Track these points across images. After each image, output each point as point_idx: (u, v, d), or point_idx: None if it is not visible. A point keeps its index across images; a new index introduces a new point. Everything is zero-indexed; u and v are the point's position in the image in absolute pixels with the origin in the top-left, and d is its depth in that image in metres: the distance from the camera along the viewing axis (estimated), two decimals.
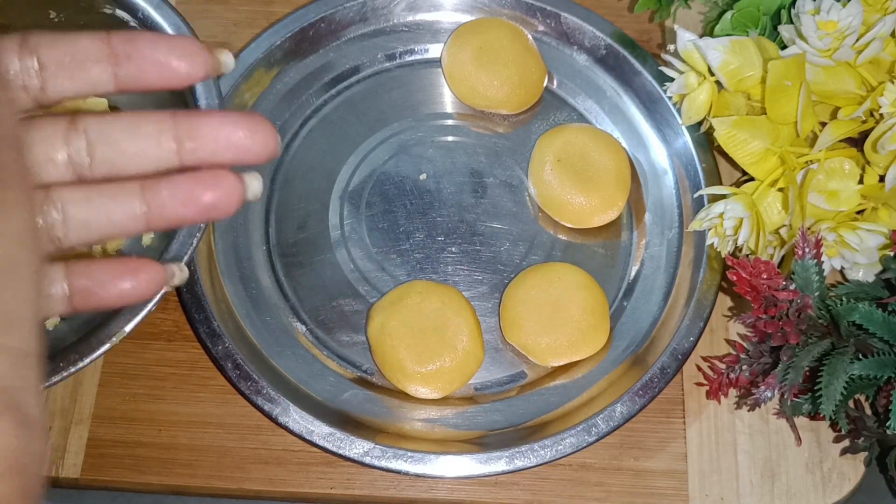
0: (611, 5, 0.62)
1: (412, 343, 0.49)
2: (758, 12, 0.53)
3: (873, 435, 0.47)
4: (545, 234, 0.56)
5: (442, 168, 0.57)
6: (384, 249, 0.55)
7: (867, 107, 0.47)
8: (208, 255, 0.53)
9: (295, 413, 0.47)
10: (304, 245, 0.55)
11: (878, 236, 0.47)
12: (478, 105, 0.59)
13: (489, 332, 0.53)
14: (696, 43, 0.50)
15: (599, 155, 0.55)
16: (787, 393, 0.45)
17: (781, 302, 0.46)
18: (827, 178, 0.49)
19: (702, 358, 0.52)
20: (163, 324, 0.53)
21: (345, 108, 0.59)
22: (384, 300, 0.52)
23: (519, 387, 0.52)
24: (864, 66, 0.48)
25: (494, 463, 0.47)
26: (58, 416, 0.50)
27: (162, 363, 0.52)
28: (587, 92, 0.60)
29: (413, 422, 0.50)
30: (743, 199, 0.48)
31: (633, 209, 0.56)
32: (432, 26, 0.61)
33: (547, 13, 0.60)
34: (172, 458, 0.49)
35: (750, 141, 0.50)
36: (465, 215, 0.56)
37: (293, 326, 0.53)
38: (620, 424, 0.48)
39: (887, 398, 0.44)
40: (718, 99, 0.52)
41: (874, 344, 0.44)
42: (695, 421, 0.51)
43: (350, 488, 0.49)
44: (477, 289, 0.54)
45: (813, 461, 0.50)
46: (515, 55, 0.57)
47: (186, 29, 0.50)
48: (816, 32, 0.47)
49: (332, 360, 0.52)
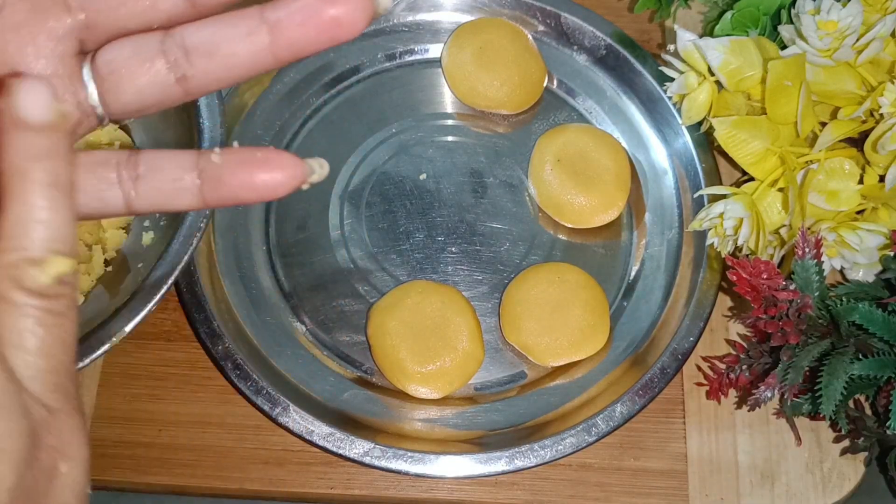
0: (611, 5, 0.62)
1: (412, 343, 0.49)
2: (758, 12, 0.53)
3: (873, 435, 0.47)
4: (545, 234, 0.56)
5: (442, 168, 0.57)
6: (384, 249, 0.55)
7: (867, 107, 0.47)
8: (208, 255, 0.53)
9: (295, 413, 0.47)
10: (304, 245, 0.55)
11: (878, 236, 0.47)
12: (478, 105, 0.59)
13: (489, 332, 0.53)
14: (696, 43, 0.50)
15: (599, 155, 0.55)
16: (787, 393, 0.45)
17: (781, 302, 0.46)
18: (827, 178, 0.49)
19: (702, 358, 0.52)
20: (163, 324, 0.53)
21: (345, 108, 0.59)
22: (384, 300, 0.52)
23: (519, 387, 0.52)
24: (864, 66, 0.48)
25: (494, 463, 0.47)
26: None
27: (162, 363, 0.52)
28: (587, 92, 0.60)
29: (413, 422, 0.50)
30: (743, 199, 0.48)
31: (633, 209, 0.56)
32: (432, 26, 0.61)
33: (547, 13, 0.60)
34: (172, 458, 0.49)
35: (750, 141, 0.50)
36: (465, 215, 0.56)
37: (293, 326, 0.53)
38: (620, 424, 0.48)
39: (887, 398, 0.44)
40: (718, 99, 0.52)
41: (874, 344, 0.44)
42: (695, 421, 0.51)
43: (350, 488, 0.49)
44: (477, 289, 0.54)
45: (813, 461, 0.50)
46: (515, 55, 0.57)
47: None
48: (816, 32, 0.47)
49: (332, 360, 0.52)
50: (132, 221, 0.53)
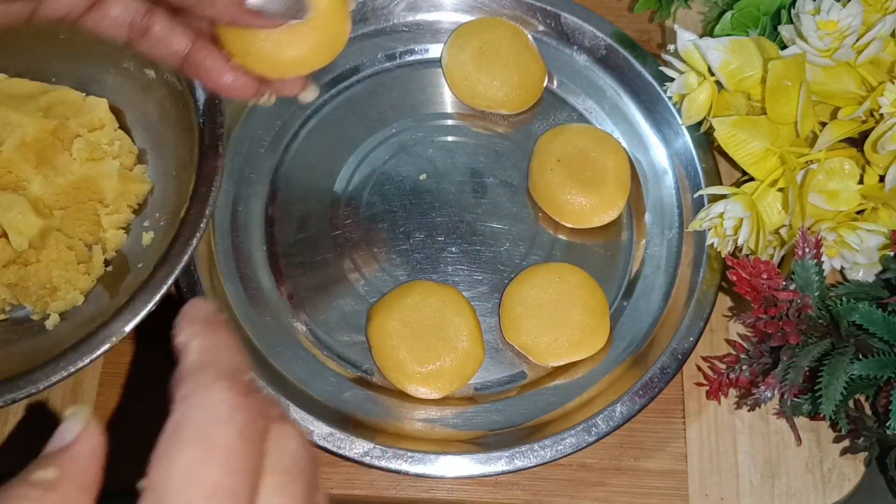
0: (611, 5, 0.62)
1: (412, 343, 0.49)
2: (758, 12, 0.53)
3: (873, 435, 0.47)
4: (545, 234, 0.56)
5: (442, 168, 0.57)
6: (384, 249, 0.55)
7: (867, 107, 0.47)
8: (208, 255, 0.53)
9: (295, 413, 0.47)
10: (304, 245, 0.55)
11: (878, 236, 0.47)
12: (478, 105, 0.59)
13: (489, 332, 0.53)
14: (696, 43, 0.50)
15: (599, 155, 0.55)
16: (787, 393, 0.45)
17: (781, 302, 0.46)
18: (827, 178, 0.49)
19: (702, 358, 0.52)
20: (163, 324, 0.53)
21: (345, 108, 0.59)
22: (384, 300, 0.52)
23: (519, 387, 0.52)
24: (864, 66, 0.48)
25: (494, 463, 0.47)
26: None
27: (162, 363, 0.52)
28: (587, 92, 0.60)
29: (413, 422, 0.50)
30: (743, 199, 0.48)
31: (633, 209, 0.56)
32: (432, 26, 0.61)
33: (547, 13, 0.60)
34: None
35: (750, 141, 0.50)
36: (465, 215, 0.56)
37: (293, 326, 0.53)
38: (620, 424, 0.48)
39: (887, 398, 0.44)
40: (718, 99, 0.52)
41: (874, 344, 0.44)
42: (695, 421, 0.51)
43: (350, 488, 0.49)
44: (477, 289, 0.54)
45: (813, 461, 0.50)
46: (515, 55, 0.57)
47: None
48: (816, 32, 0.47)
49: (332, 360, 0.52)
50: (132, 222, 0.53)
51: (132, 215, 0.53)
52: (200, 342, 0.26)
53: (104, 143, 0.53)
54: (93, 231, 0.52)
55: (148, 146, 0.54)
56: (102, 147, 0.53)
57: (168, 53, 0.36)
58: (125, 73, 0.53)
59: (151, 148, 0.54)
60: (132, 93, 0.54)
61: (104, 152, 0.53)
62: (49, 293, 0.50)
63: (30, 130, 0.52)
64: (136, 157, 0.54)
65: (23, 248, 0.49)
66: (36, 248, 0.50)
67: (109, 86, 0.54)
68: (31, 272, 0.50)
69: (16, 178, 0.52)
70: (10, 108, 0.52)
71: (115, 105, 0.55)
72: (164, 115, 0.53)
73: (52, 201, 0.52)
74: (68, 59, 0.54)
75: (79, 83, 0.54)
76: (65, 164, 0.52)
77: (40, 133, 0.52)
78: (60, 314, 0.49)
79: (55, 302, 0.49)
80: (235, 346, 0.26)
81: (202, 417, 0.23)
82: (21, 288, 0.50)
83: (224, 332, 0.26)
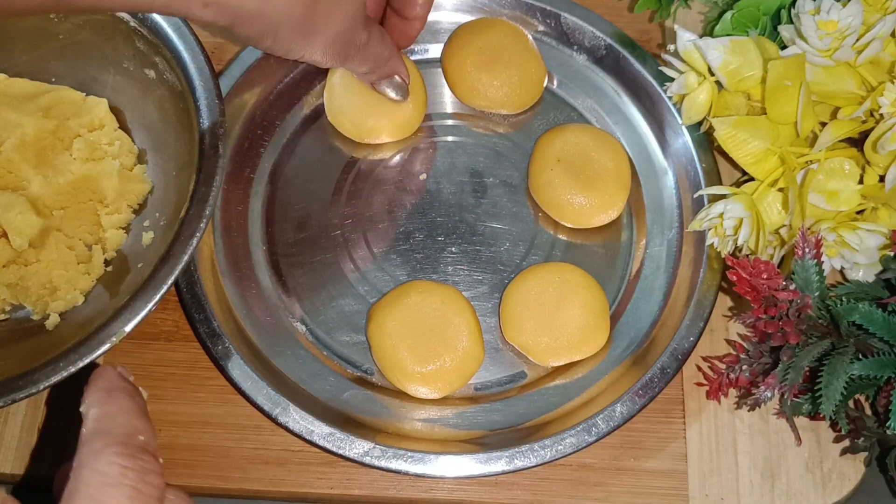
0: (611, 5, 0.63)
1: (412, 343, 0.49)
2: (758, 12, 0.53)
3: (873, 435, 0.47)
4: (545, 234, 0.56)
5: (442, 168, 0.57)
6: (384, 249, 0.55)
7: (867, 107, 0.47)
8: (208, 255, 0.53)
9: (295, 413, 0.47)
10: (304, 245, 0.55)
11: (878, 236, 0.47)
12: (478, 105, 0.59)
13: (489, 332, 0.53)
14: (696, 43, 0.50)
15: (599, 155, 0.55)
16: (787, 393, 0.45)
17: (781, 302, 0.46)
18: (827, 178, 0.49)
19: (702, 358, 0.52)
20: (163, 324, 0.53)
21: None
22: (384, 300, 0.52)
23: (519, 387, 0.52)
24: (864, 66, 0.48)
25: (494, 463, 0.47)
26: (58, 417, 0.51)
27: (162, 363, 0.52)
28: (587, 92, 0.60)
29: (413, 422, 0.50)
30: (743, 199, 0.48)
31: (633, 209, 0.56)
32: (432, 26, 0.61)
33: (547, 13, 0.60)
34: (172, 458, 0.49)
35: (750, 141, 0.50)
36: (465, 215, 0.56)
37: (293, 326, 0.53)
38: (620, 424, 0.48)
39: (887, 398, 0.44)
40: (718, 99, 0.52)
41: (874, 344, 0.44)
42: (695, 421, 0.51)
43: (350, 488, 0.49)
44: (477, 289, 0.54)
45: (813, 461, 0.50)
46: (515, 55, 0.57)
47: (186, 28, 0.50)
48: (816, 32, 0.47)
49: (332, 360, 0.52)
50: (132, 222, 0.53)
51: (132, 215, 0.53)
52: (97, 411, 0.28)
53: (104, 143, 0.53)
54: (93, 231, 0.52)
55: (148, 146, 0.54)
56: (102, 147, 0.53)
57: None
58: (125, 73, 0.53)
59: (151, 148, 0.54)
60: (132, 93, 0.54)
61: (104, 152, 0.53)
62: (49, 293, 0.50)
63: (30, 130, 0.52)
64: (136, 157, 0.54)
65: (23, 248, 0.50)
66: (36, 248, 0.50)
67: (109, 86, 0.54)
68: (31, 272, 0.50)
69: (16, 178, 0.52)
70: (10, 108, 0.52)
71: (115, 105, 0.55)
72: (164, 115, 0.53)
73: (51, 201, 0.52)
74: (68, 59, 0.54)
75: (79, 83, 0.54)
76: (65, 164, 0.52)
77: (40, 133, 0.52)
78: (60, 314, 0.49)
79: (55, 302, 0.49)
80: (132, 411, 0.28)
81: (93, 482, 0.25)
82: (21, 288, 0.50)
83: (122, 397, 0.28)
